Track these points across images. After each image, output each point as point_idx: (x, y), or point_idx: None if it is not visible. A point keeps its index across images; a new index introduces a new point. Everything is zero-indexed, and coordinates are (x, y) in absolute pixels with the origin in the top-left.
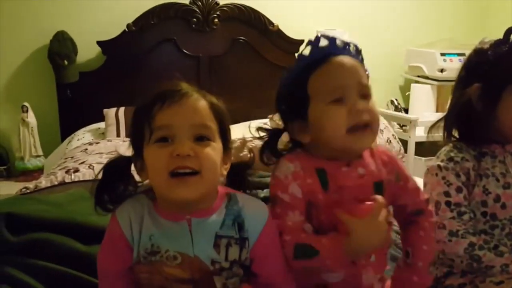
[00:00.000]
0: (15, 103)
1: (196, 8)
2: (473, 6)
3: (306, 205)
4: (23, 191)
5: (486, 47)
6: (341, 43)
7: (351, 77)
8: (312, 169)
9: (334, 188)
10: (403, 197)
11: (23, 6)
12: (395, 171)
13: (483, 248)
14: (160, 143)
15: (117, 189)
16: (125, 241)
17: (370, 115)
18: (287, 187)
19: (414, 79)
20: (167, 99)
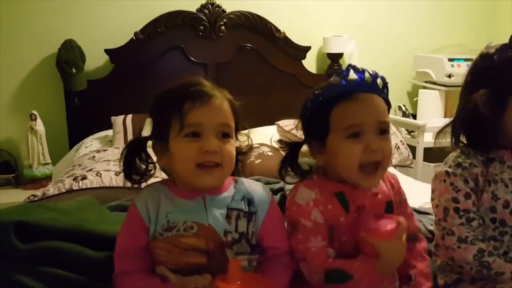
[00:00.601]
0: (23, 111)
1: (203, 16)
2: (482, 12)
3: (327, 230)
4: (31, 198)
5: (492, 52)
6: (369, 78)
7: (371, 116)
8: (331, 194)
9: (353, 209)
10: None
11: (31, 15)
12: (399, 194)
13: (492, 254)
14: (190, 138)
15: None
16: (142, 222)
17: (384, 153)
18: (309, 214)
19: (422, 85)
20: (198, 99)
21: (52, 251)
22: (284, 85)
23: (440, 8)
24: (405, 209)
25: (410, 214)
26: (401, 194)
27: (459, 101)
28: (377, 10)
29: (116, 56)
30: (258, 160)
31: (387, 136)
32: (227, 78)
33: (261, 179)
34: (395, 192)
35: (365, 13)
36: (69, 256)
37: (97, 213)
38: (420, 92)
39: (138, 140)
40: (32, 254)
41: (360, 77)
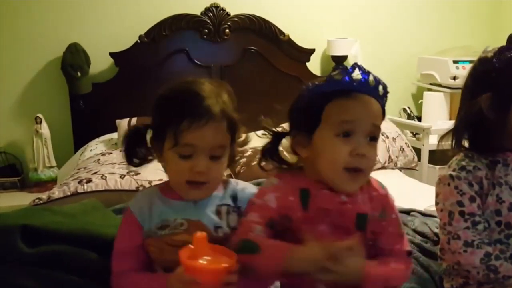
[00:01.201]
0: (28, 115)
1: (207, 19)
2: (487, 13)
3: (279, 218)
4: (36, 201)
5: (490, 55)
6: (372, 81)
7: (367, 117)
8: (297, 188)
9: (314, 208)
10: (381, 238)
11: (36, 18)
12: (381, 209)
13: (499, 258)
14: (182, 159)
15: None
16: (136, 222)
17: (368, 162)
18: (263, 195)
19: (427, 87)
20: (195, 120)
21: (57, 254)
22: (288, 87)
23: (445, 10)
24: (386, 227)
25: (394, 235)
26: (386, 208)
27: (461, 106)
28: (381, 12)
29: (121, 60)
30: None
31: (375, 144)
32: (232, 81)
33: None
34: (374, 205)
35: (369, 15)
36: (74, 260)
37: (101, 216)
38: (424, 94)
39: (138, 129)
40: (37, 257)
41: (364, 78)
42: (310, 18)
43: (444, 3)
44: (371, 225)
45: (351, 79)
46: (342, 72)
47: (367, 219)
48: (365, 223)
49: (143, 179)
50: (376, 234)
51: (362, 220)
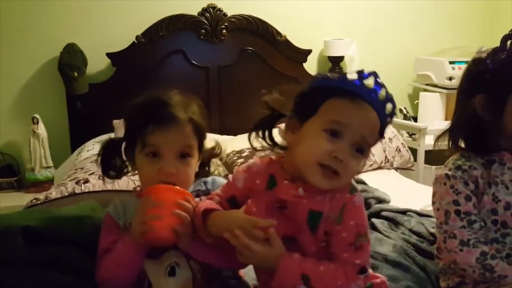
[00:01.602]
0: (25, 115)
1: (204, 19)
2: (483, 14)
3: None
4: (33, 202)
5: (484, 56)
6: (383, 97)
7: (359, 126)
8: (267, 173)
9: (277, 197)
10: (332, 242)
11: (33, 19)
12: (339, 212)
13: (495, 257)
14: (150, 157)
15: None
16: (113, 221)
17: (345, 169)
18: (236, 173)
19: (423, 88)
20: (159, 124)
21: (58, 256)
22: None
23: (441, 10)
24: (339, 233)
25: (347, 242)
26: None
27: (456, 107)
28: (378, 13)
29: (118, 60)
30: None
31: (359, 157)
32: (229, 82)
33: None
34: (334, 206)
35: (366, 16)
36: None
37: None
38: (421, 95)
39: (112, 141)
40: (38, 258)
41: (376, 89)
42: (307, 18)
43: (440, 4)
44: (325, 226)
45: (362, 85)
46: (357, 74)
47: (320, 218)
48: (317, 222)
49: None
50: (329, 237)
51: (314, 218)
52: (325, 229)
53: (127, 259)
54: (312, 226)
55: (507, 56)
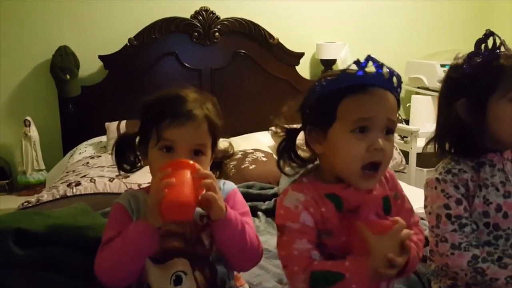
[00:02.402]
0: (17, 117)
1: (197, 22)
2: (475, 18)
3: (321, 234)
4: (24, 205)
5: (461, 62)
6: (387, 73)
7: (383, 112)
8: (322, 196)
9: (348, 208)
10: (400, 216)
11: (26, 21)
12: (395, 189)
13: (486, 260)
14: (163, 152)
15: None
16: (126, 211)
17: (385, 155)
18: (297, 216)
19: (415, 91)
20: (175, 119)
21: (49, 257)
22: (278, 91)
23: (433, 14)
24: (402, 204)
25: (409, 210)
26: (397, 188)
27: (438, 114)
28: (370, 16)
29: (110, 63)
30: (252, 165)
31: (391, 137)
32: (222, 84)
33: (255, 185)
34: (390, 186)
35: (358, 20)
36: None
37: (91, 219)
38: (412, 98)
39: (126, 136)
40: (29, 260)
41: (378, 71)
42: (299, 22)
43: (433, 7)
44: (392, 206)
45: (365, 73)
46: (356, 65)
47: (390, 200)
48: (390, 205)
49: (132, 182)
50: (396, 213)
51: (387, 202)
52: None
53: (136, 248)
54: (387, 210)
55: (483, 59)
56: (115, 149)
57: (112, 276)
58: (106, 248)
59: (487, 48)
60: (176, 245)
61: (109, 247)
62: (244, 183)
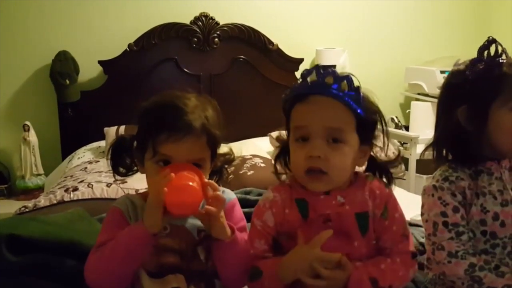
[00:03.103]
0: (16, 122)
1: (196, 28)
2: (475, 24)
3: (275, 234)
4: (22, 210)
5: (462, 68)
6: (330, 80)
7: (318, 121)
8: (292, 200)
9: (314, 217)
10: (383, 238)
11: (26, 26)
12: (384, 207)
13: (483, 269)
14: (160, 165)
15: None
16: (123, 216)
17: (328, 163)
18: (262, 214)
19: (414, 97)
20: (173, 134)
21: (43, 264)
22: (277, 97)
23: (432, 20)
24: (389, 226)
25: (397, 234)
26: (388, 207)
27: (437, 120)
28: (369, 22)
29: (110, 68)
30: (250, 171)
31: (338, 146)
32: (221, 90)
33: (253, 191)
34: (376, 204)
35: (357, 26)
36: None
37: (87, 225)
38: (412, 104)
39: (123, 139)
40: (23, 266)
41: (321, 79)
42: (298, 28)
43: (432, 14)
44: (374, 224)
45: (306, 82)
46: (301, 76)
47: (368, 218)
48: (367, 223)
49: (130, 187)
50: (378, 233)
51: (363, 220)
52: (374, 227)
53: (127, 252)
54: (362, 228)
55: (485, 66)
56: (111, 151)
57: (99, 281)
58: (96, 252)
59: (490, 55)
60: (172, 261)
61: (100, 250)
62: (242, 189)
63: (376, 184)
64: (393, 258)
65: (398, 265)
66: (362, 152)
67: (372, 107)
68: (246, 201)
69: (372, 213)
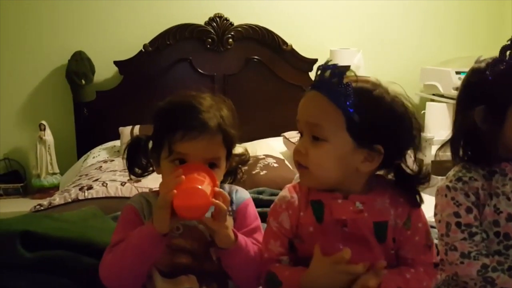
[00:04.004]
0: (33, 121)
1: (211, 28)
2: (489, 25)
3: (291, 237)
4: (37, 208)
5: (483, 67)
6: (328, 74)
7: (303, 116)
8: (307, 202)
9: (329, 220)
10: (405, 248)
11: (42, 27)
12: (406, 217)
13: (496, 270)
14: (176, 164)
15: (140, 160)
16: (138, 215)
17: (308, 160)
18: (278, 215)
19: (430, 98)
20: (188, 132)
21: (57, 260)
22: (291, 97)
23: (447, 21)
24: (411, 237)
25: (420, 245)
26: (412, 217)
27: (455, 118)
28: (384, 23)
29: (125, 68)
30: (263, 171)
31: (317, 144)
32: (235, 90)
33: (265, 191)
34: (399, 212)
35: (372, 26)
36: (73, 265)
37: (101, 223)
38: (427, 105)
39: (139, 139)
40: (37, 263)
41: (321, 74)
42: (313, 28)
43: (447, 14)
44: (394, 233)
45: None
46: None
47: (386, 228)
48: (385, 232)
49: (144, 186)
50: (400, 243)
51: (381, 229)
52: (395, 236)
53: (138, 252)
54: (380, 237)
55: (507, 66)
56: (127, 152)
57: (113, 280)
58: (111, 252)
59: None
60: (184, 261)
61: (113, 250)
62: (255, 189)
63: (401, 191)
64: (416, 268)
65: (422, 275)
66: (366, 155)
67: (380, 107)
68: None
69: (393, 222)
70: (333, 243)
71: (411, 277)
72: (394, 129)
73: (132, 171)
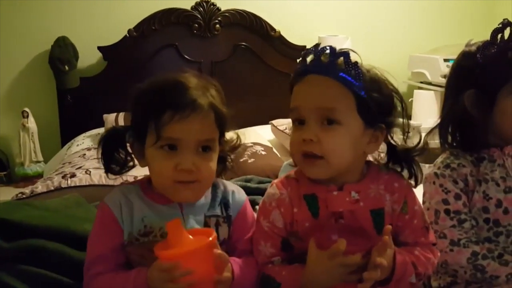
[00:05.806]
0: (15, 109)
1: (197, 13)
2: (478, 12)
3: (285, 235)
4: (19, 196)
5: (473, 50)
6: (326, 58)
7: (310, 101)
8: (300, 196)
9: (325, 214)
10: (404, 233)
11: (24, 12)
12: (403, 201)
13: (486, 257)
14: (166, 150)
15: (117, 157)
16: (116, 222)
17: (320, 147)
18: (269, 214)
19: (417, 85)
20: (178, 112)
21: (36, 250)
22: (279, 84)
23: (436, 8)
24: (409, 220)
25: (419, 228)
26: (408, 201)
27: (444, 103)
28: (372, 10)
29: (110, 54)
30: (251, 159)
31: (332, 128)
32: (222, 77)
33: (253, 179)
34: (395, 198)
35: (360, 13)
36: (53, 256)
37: (84, 211)
38: (415, 93)
39: (115, 131)
40: (15, 253)
41: (317, 57)
42: (301, 14)
43: (436, 2)
44: (391, 220)
45: (305, 62)
46: (301, 56)
47: (383, 214)
48: (382, 219)
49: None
50: (398, 228)
51: (378, 216)
52: (391, 222)
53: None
54: (377, 226)
55: (498, 50)
56: (101, 147)
57: None
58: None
59: (503, 38)
60: None
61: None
62: (242, 177)
63: (394, 176)
64: (419, 248)
65: (428, 253)
66: (371, 137)
67: (380, 86)
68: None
69: (390, 209)
70: (328, 236)
71: (419, 254)
72: (392, 105)
73: (109, 169)
